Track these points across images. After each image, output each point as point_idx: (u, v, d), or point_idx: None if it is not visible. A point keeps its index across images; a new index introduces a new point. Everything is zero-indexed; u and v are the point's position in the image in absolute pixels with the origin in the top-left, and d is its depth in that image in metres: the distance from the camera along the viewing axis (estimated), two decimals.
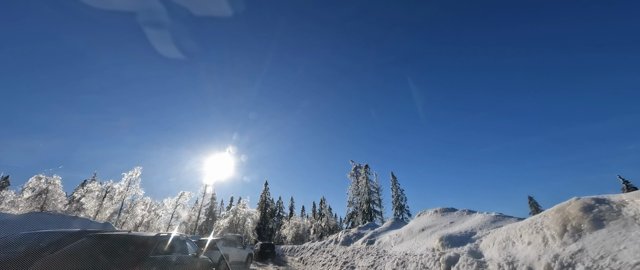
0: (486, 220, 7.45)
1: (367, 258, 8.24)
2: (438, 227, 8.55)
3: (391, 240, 9.60)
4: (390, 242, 9.48)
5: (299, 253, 22.61)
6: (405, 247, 7.89)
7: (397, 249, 8.08)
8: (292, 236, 48.93)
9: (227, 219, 45.99)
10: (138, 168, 29.14)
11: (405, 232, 9.62)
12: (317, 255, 16.43)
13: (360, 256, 9.26)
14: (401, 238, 9.19)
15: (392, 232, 10.61)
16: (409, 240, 8.57)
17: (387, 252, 8.18)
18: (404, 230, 9.87)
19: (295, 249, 24.22)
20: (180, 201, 33.37)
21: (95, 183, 27.57)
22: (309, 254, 18.59)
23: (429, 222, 9.60)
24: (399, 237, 9.32)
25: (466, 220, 8.11)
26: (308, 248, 21.48)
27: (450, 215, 9.66)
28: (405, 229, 9.92)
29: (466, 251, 5.10)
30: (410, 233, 9.25)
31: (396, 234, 9.84)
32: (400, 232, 9.97)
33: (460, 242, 6.03)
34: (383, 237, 10.84)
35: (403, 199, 46.96)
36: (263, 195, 59.42)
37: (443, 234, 6.52)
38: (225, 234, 22.83)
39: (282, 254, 26.50)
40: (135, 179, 29.11)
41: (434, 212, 10.69)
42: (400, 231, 10.00)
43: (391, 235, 10.12)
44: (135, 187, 28.77)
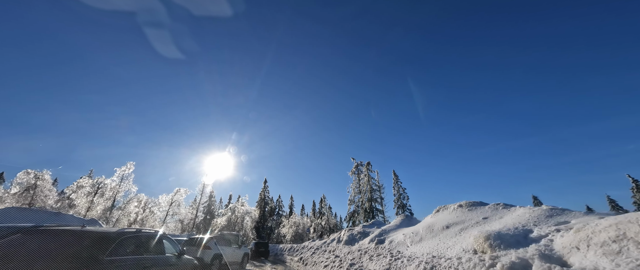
0: (538, 214, 6.02)
1: (379, 260, 7.00)
2: (468, 224, 7.10)
3: (406, 240, 8.23)
4: (405, 242, 8.12)
5: (299, 252, 21.46)
6: (428, 247, 6.59)
7: (417, 250, 6.80)
8: (292, 235, 47.75)
9: (225, 217, 44.79)
10: (131, 163, 27.96)
11: (423, 230, 8.18)
12: (318, 255, 15.32)
13: (369, 257, 7.97)
14: (419, 237, 7.80)
15: (405, 230, 9.26)
16: (430, 240, 7.21)
17: (403, 254, 6.91)
18: (421, 228, 8.46)
19: (295, 248, 23.06)
20: (176, 198, 32.13)
21: (87, 178, 26.40)
22: (309, 254, 17.48)
23: (453, 219, 8.14)
24: (416, 236, 7.94)
25: (505, 216, 6.77)
26: (308, 247, 20.34)
27: (480, 210, 8.14)
28: (422, 227, 8.52)
29: (535, 255, 3.77)
30: (430, 231, 7.84)
31: (412, 233, 8.46)
32: (417, 229, 8.59)
33: (515, 242, 4.65)
34: (395, 236, 9.53)
35: (405, 197, 45.81)
36: (262, 193, 58.26)
37: (486, 232, 5.18)
38: (221, 232, 21.64)
39: (281, 254, 25.35)
40: (128, 174, 27.91)
41: (457, 207, 9.12)
42: (415, 229, 8.70)
43: (406, 234, 8.74)
44: (128, 183, 27.57)
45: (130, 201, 30.58)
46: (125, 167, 27.35)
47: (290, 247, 25.21)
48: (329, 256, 13.50)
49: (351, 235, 14.31)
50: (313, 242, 23.70)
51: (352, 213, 41.77)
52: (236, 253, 15.14)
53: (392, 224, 12.38)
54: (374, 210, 36.70)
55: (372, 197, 37.46)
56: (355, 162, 44.45)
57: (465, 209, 8.40)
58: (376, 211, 36.82)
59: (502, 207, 7.88)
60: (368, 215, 36.67)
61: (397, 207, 44.87)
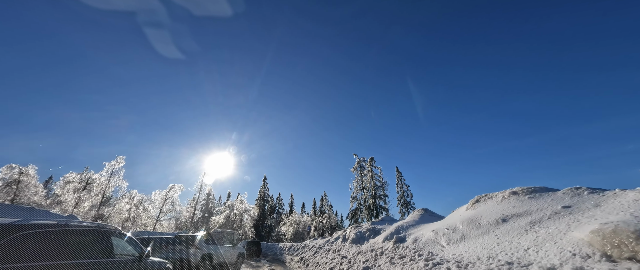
0: None
1: (407, 265, 5.16)
2: (541, 216, 5.15)
3: (439, 238, 6.37)
4: (437, 241, 6.27)
5: (299, 252, 19.88)
6: (480, 248, 4.85)
7: (462, 252, 5.06)
8: (292, 234, 46.09)
9: (223, 214, 43.16)
10: (121, 157, 26.18)
11: (464, 225, 6.23)
12: (322, 255, 13.75)
13: (388, 260, 6.31)
14: (459, 234, 5.94)
15: (432, 226, 7.40)
16: (478, 238, 5.38)
17: (444, 257, 5.22)
18: (460, 223, 6.50)
19: (295, 247, 21.48)
20: (170, 195, 30.48)
21: (74, 174, 24.77)
22: (311, 254, 15.94)
23: (508, 210, 6.13)
24: (454, 233, 6.08)
25: (604, 204, 4.78)
26: (309, 246, 18.78)
27: (550, 198, 6.04)
28: (460, 221, 6.61)
29: None
30: (475, 226, 5.91)
31: (446, 229, 6.57)
32: (452, 225, 6.66)
33: None
34: (419, 234, 7.71)
35: (409, 194, 44.14)
36: (262, 190, 56.62)
37: (615, 224, 3.35)
38: (214, 230, 19.81)
39: (281, 253, 23.75)
40: (119, 169, 26.18)
41: (509, 195, 6.99)
42: (450, 224, 6.84)
43: (437, 231, 6.84)
44: (119, 179, 25.89)
45: (121, 197, 28.97)
46: (115, 161, 25.64)
47: (290, 246, 23.57)
48: (334, 256, 11.92)
49: (359, 233, 12.64)
50: (315, 240, 22.09)
51: (354, 211, 40.13)
52: (229, 253, 13.42)
53: (408, 220, 10.72)
54: (377, 207, 35.09)
55: (376, 193, 35.86)
56: (357, 159, 42.78)
57: (523, 197, 6.33)
58: (380, 208, 35.22)
59: (587, 192, 5.75)
60: (371, 213, 35.07)
61: (401, 204, 43.21)
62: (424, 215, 11.15)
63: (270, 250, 26.82)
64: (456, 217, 6.89)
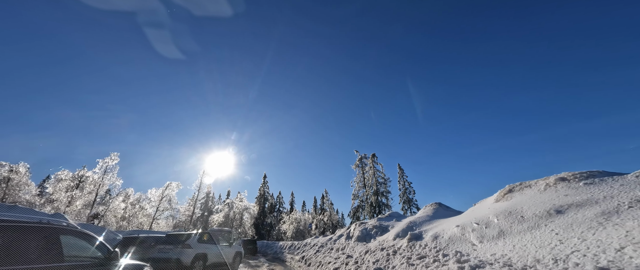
0: None
1: (428, 267, 4.41)
2: (611, 205, 4.17)
3: (467, 234, 5.34)
4: (466, 238, 5.26)
5: (300, 250, 19.01)
6: (532, 248, 3.92)
7: (507, 252, 4.10)
8: (293, 232, 45.25)
9: (222, 213, 42.29)
10: (115, 154, 25.19)
11: (500, 218, 5.14)
12: (324, 254, 12.89)
13: (404, 260, 5.51)
14: (496, 230, 4.89)
15: (454, 221, 6.70)
16: (525, 234, 4.40)
17: (479, 259, 4.26)
18: (494, 217, 5.38)
19: (296, 245, 20.62)
20: (167, 193, 29.57)
21: (66, 171, 23.87)
22: (313, 252, 15.10)
23: (561, 199, 5.02)
24: (488, 228, 5.03)
25: None
26: (311, 245, 17.92)
27: (615, 184, 4.99)
28: (493, 214, 5.50)
29: None
30: (516, 220, 4.85)
31: (476, 223, 5.51)
32: (484, 219, 5.56)
33: None
34: (438, 230, 6.69)
35: (411, 192, 43.26)
36: (261, 188, 55.74)
37: None
38: (210, 228, 18.91)
39: (281, 252, 22.89)
40: (113, 166, 25.21)
41: (556, 182, 5.86)
42: (478, 218, 5.75)
43: (463, 226, 5.79)
44: (113, 176, 24.94)
45: (116, 196, 28.05)
46: (108, 159, 24.68)
47: (290, 245, 22.69)
48: (338, 256, 11.03)
49: (365, 230, 11.71)
50: (316, 238, 21.23)
51: (356, 208, 39.30)
52: (225, 252, 12.52)
53: (421, 215, 9.77)
54: (380, 204, 34.24)
55: (378, 190, 34.99)
56: (359, 155, 41.87)
57: (576, 184, 5.36)
58: (382, 206, 34.37)
59: None
60: (374, 211, 34.24)
61: (403, 201, 42.35)
62: (438, 209, 10.19)
63: (270, 248, 25.97)
64: (484, 211, 5.90)
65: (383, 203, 34.29)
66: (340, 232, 16.39)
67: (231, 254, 12.89)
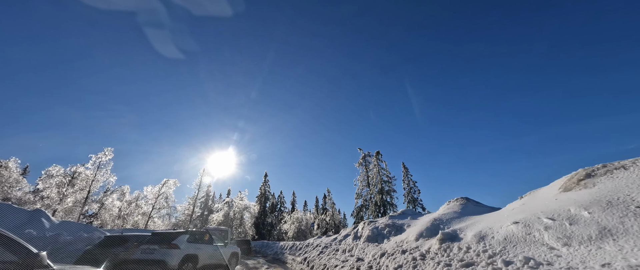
0: None
1: None
2: None
3: (540, 234, 3.99)
4: (537, 240, 3.92)
5: (302, 251, 17.71)
6: None
7: (630, 258, 2.70)
8: (294, 232, 43.92)
9: (222, 212, 41.09)
10: (108, 149, 24.01)
11: (595, 212, 3.77)
12: (329, 256, 11.60)
13: (443, 269, 4.35)
14: (594, 228, 3.50)
15: (500, 217, 5.43)
16: (616, 240, 3.04)
17: (572, 267, 2.91)
18: (579, 209, 4.02)
19: (297, 246, 19.33)
20: (164, 190, 28.38)
21: (58, 167, 22.74)
22: (316, 254, 13.81)
23: None
24: (577, 226, 3.69)
25: None
26: (314, 245, 16.62)
27: None
28: (575, 206, 4.14)
29: None
30: (625, 213, 3.48)
31: (551, 218, 4.14)
32: (561, 212, 4.20)
33: None
34: (480, 228, 5.31)
35: (416, 191, 41.82)
36: (262, 187, 54.47)
37: None
38: (205, 227, 17.67)
39: (281, 252, 21.59)
40: (106, 162, 24.03)
41: None
42: (552, 212, 4.38)
43: (528, 224, 4.38)
44: (106, 173, 23.79)
45: (111, 193, 26.93)
46: (101, 154, 23.54)
47: (292, 245, 21.38)
48: (345, 258, 9.72)
49: (375, 230, 10.31)
50: (319, 239, 19.93)
51: (359, 208, 37.92)
52: (220, 252, 11.23)
53: (445, 212, 8.35)
54: (385, 203, 32.85)
55: (383, 189, 33.59)
56: (362, 153, 40.53)
57: None
58: (388, 205, 33.00)
59: None
60: (378, 210, 32.87)
61: (408, 201, 40.91)
62: (466, 205, 8.73)
63: (269, 249, 24.69)
64: (551, 203, 4.46)
65: (388, 202, 32.90)
66: (346, 231, 15.06)
67: (226, 254, 11.59)
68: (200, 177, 53.89)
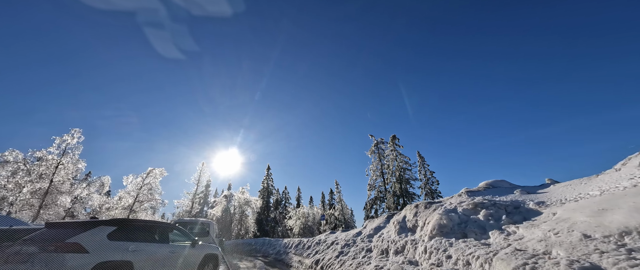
0: None
1: None
2: None
3: None
4: None
5: (312, 250, 13.32)
6: None
7: None
8: (300, 228, 39.53)
9: (220, 206, 36.98)
10: (77, 130, 19.86)
11: None
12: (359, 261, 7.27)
13: None
14: None
15: None
16: None
17: None
18: None
19: (305, 244, 15.04)
20: (149, 181, 24.29)
21: (15, 152, 18.77)
22: (334, 255, 9.37)
23: None
24: None
25: None
26: (328, 243, 12.13)
27: None
28: None
29: None
30: None
31: None
32: None
33: None
34: None
35: (434, 182, 37.02)
36: (265, 181, 50.13)
37: None
38: (179, 218, 13.33)
39: (285, 252, 17.31)
40: (74, 146, 19.88)
41: None
42: None
43: None
44: (73, 158, 19.69)
45: (88, 184, 22.95)
46: (68, 136, 19.44)
47: (297, 243, 16.98)
48: (385, 265, 5.39)
49: (454, 215, 5.50)
50: (332, 234, 15.55)
51: (373, 200, 33.31)
52: (183, 256, 6.60)
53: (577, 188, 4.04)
54: (405, 193, 28.29)
55: (403, 177, 28.99)
56: (374, 140, 35.85)
57: None
58: (408, 195, 28.45)
59: None
60: (397, 202, 28.29)
61: (425, 193, 36.33)
62: None
63: (271, 247, 20.41)
64: None
65: (409, 192, 28.32)
66: (377, 222, 10.50)
67: (195, 258, 7.05)
68: (199, 171, 49.83)
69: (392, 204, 27.60)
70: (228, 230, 34.51)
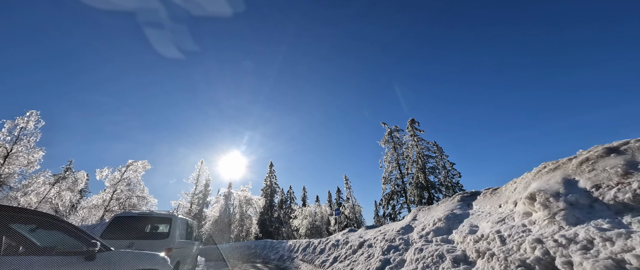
0: None
1: None
2: None
3: None
4: None
5: (328, 256, 9.08)
6: None
7: None
8: (307, 228, 35.33)
9: (218, 206, 33.06)
10: (33, 112, 16.11)
11: None
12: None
13: None
14: None
15: None
16: None
17: None
18: None
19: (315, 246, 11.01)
20: (127, 176, 20.40)
21: None
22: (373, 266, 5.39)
23: None
24: None
25: None
26: (351, 245, 7.85)
27: None
28: None
29: None
30: None
31: None
32: None
33: None
34: None
35: (455, 174, 32.61)
36: (268, 179, 46.05)
37: None
38: (120, 213, 9.26)
39: (289, 257, 13.22)
40: (31, 132, 16.15)
41: None
42: None
43: None
44: (28, 145, 15.93)
45: (61, 179, 19.21)
46: (21, 119, 15.70)
47: (306, 245, 12.75)
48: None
49: None
50: (352, 233, 11.50)
51: (389, 195, 28.97)
52: None
53: None
54: (430, 185, 23.89)
55: (426, 166, 24.54)
56: (387, 128, 31.61)
57: None
58: (435, 187, 24.04)
59: None
60: (421, 194, 23.81)
61: (445, 187, 31.93)
62: None
63: (273, 251, 16.31)
64: None
65: (434, 183, 23.97)
66: (444, 209, 6.30)
67: None
68: (198, 170, 46.13)
69: (416, 197, 23.21)
70: (227, 232, 30.46)
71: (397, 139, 32.00)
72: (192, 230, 8.18)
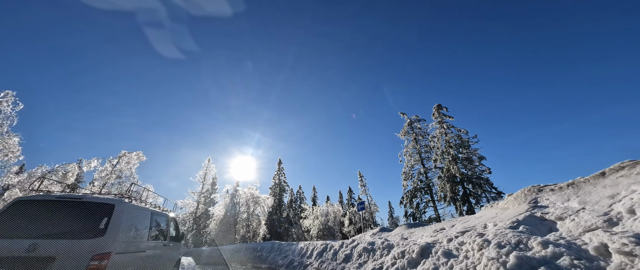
0: None
1: None
2: None
3: None
4: None
5: (354, 265, 6.07)
6: None
7: None
8: (319, 229, 32.28)
9: (223, 204, 30.61)
10: (8, 92, 14.06)
11: None
12: None
13: None
14: None
15: None
16: None
17: None
18: None
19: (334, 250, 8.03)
20: (120, 167, 18.18)
21: None
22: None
23: None
24: None
25: None
26: (391, 251, 5.00)
27: None
28: None
29: None
30: None
31: None
32: None
33: None
34: None
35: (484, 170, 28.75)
36: (276, 177, 43.34)
37: None
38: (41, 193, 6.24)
39: (301, 263, 10.15)
40: (7, 115, 14.02)
41: None
42: None
43: None
44: (3, 126, 13.72)
45: (50, 173, 17.27)
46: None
47: (322, 248, 9.55)
48: None
49: None
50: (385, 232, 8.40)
51: (412, 192, 25.45)
52: None
53: None
54: (466, 178, 20.07)
55: (458, 156, 20.72)
56: (407, 119, 28.19)
57: None
58: (473, 181, 20.25)
59: None
60: (454, 191, 19.88)
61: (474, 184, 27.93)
62: None
63: (281, 255, 13.27)
64: None
65: (470, 177, 20.32)
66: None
67: None
68: (205, 168, 44.17)
69: (449, 192, 19.62)
70: (232, 232, 27.83)
71: (419, 129, 28.43)
72: (167, 229, 5.31)
